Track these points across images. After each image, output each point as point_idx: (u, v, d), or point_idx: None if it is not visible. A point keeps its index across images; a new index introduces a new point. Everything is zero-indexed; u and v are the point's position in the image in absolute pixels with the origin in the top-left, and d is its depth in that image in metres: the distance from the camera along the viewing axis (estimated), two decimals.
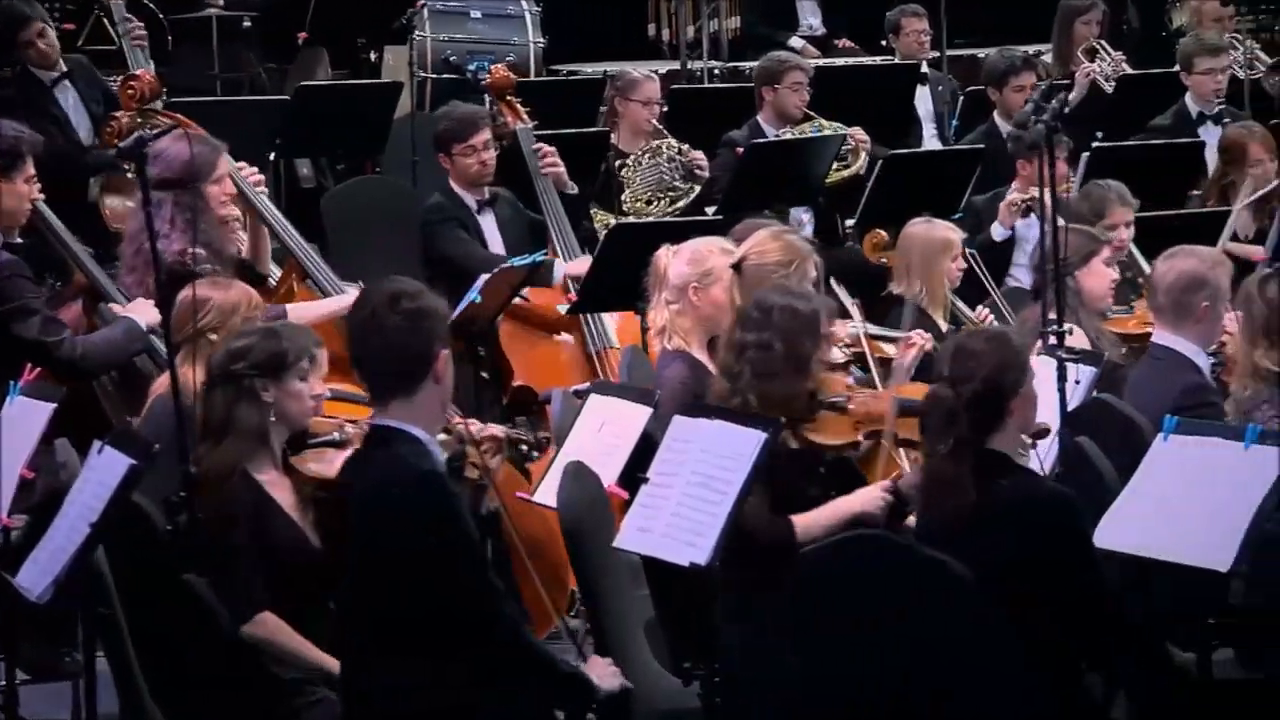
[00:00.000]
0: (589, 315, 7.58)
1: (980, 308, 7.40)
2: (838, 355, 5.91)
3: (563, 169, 8.15)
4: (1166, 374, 5.76)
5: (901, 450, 5.38)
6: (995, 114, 9.51)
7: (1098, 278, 6.49)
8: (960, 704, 4.50)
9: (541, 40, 11.00)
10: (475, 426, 4.91)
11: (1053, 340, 5.61)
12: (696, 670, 4.73)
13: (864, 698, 4.57)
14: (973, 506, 4.65)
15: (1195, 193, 8.89)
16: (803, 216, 9.22)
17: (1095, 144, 9.04)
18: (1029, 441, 4.88)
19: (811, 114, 9.13)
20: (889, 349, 6.42)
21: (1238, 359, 5.33)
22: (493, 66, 8.71)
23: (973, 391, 4.68)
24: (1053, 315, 6.33)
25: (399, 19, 10.20)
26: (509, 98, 8.36)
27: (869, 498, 5.12)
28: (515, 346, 7.72)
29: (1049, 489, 4.73)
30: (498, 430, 4.77)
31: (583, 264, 7.72)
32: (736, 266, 5.90)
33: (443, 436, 4.66)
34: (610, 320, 7.69)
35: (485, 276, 6.44)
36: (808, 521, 5.10)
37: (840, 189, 9.01)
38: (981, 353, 4.73)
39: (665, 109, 9.86)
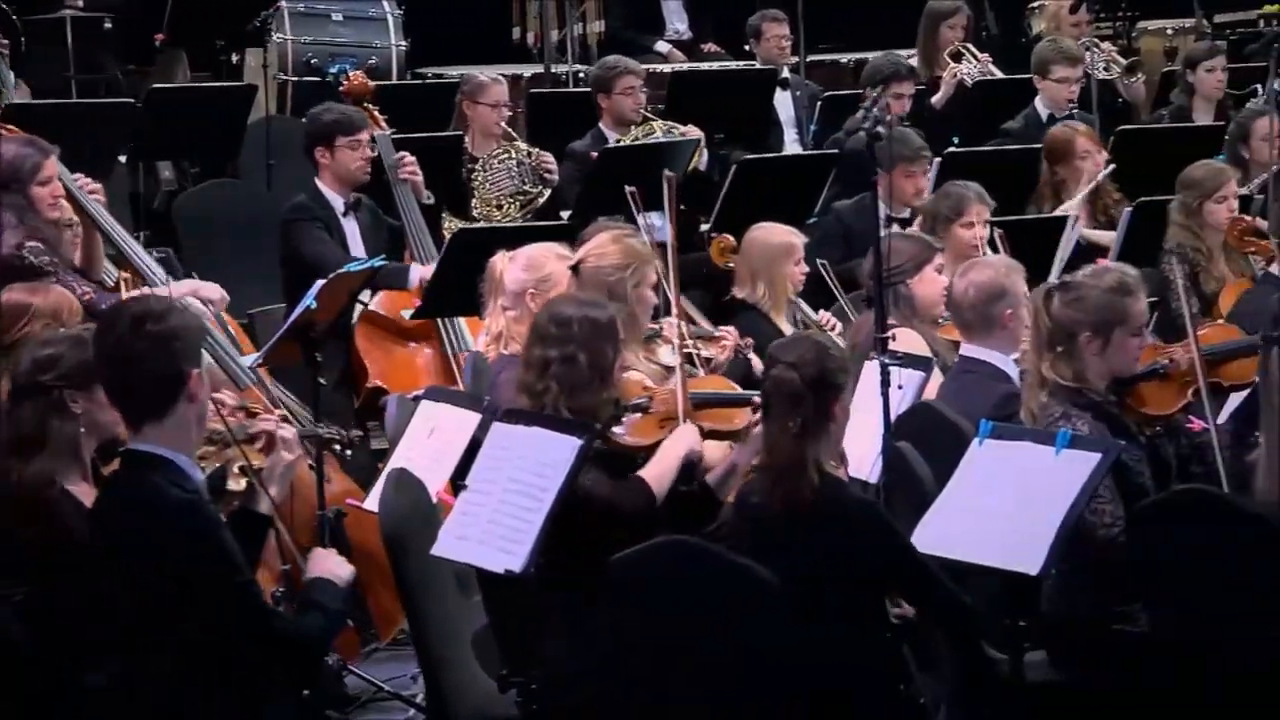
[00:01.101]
0: (446, 319, 7.59)
1: (824, 311, 7.46)
2: (668, 357, 5.98)
3: (421, 177, 8.15)
4: (979, 386, 5.84)
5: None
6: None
7: (930, 285, 6.57)
8: (770, 705, 4.56)
9: (404, 43, 10.99)
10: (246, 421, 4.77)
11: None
12: (514, 678, 4.74)
13: (678, 701, 4.62)
14: (814, 491, 4.68)
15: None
16: (655, 220, 9.24)
17: (948, 150, 9.11)
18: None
19: (650, 116, 9.16)
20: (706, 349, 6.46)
21: (1029, 371, 5.35)
22: (351, 73, 8.68)
23: (811, 376, 4.72)
24: (888, 320, 6.49)
25: (254, 21, 10.15)
26: (367, 104, 8.34)
27: (687, 437, 5.15)
28: (372, 350, 7.73)
29: (855, 494, 4.78)
30: (269, 425, 4.67)
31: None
32: (575, 268, 5.92)
33: (207, 447, 4.60)
34: (467, 324, 7.71)
35: (321, 282, 6.43)
36: (653, 475, 5.11)
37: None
38: (809, 349, 4.79)
39: (523, 112, 9.92)
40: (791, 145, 10.42)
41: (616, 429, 5.15)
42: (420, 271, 7.80)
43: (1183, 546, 4.91)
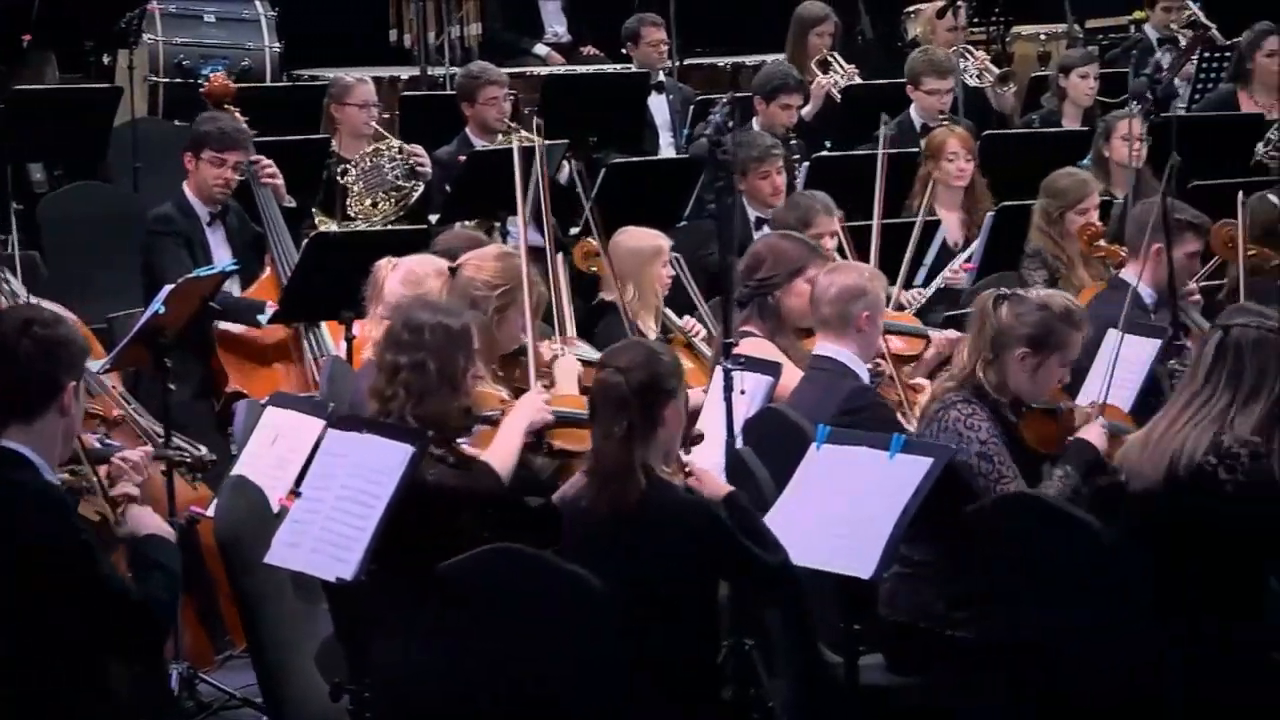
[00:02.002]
0: (308, 325, 7.56)
1: (687, 317, 7.49)
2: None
3: (281, 181, 8.10)
4: (830, 383, 5.90)
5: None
6: (755, 124, 9.58)
7: (799, 297, 6.60)
8: (601, 710, 4.57)
9: (277, 45, 10.93)
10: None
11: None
12: (348, 686, 4.73)
13: (508, 708, 4.62)
14: (640, 494, 4.69)
15: None
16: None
17: (816, 154, 9.17)
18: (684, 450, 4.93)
19: (514, 125, 9.17)
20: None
21: (954, 362, 5.44)
22: (211, 75, 8.62)
23: (639, 381, 4.73)
24: (745, 327, 6.53)
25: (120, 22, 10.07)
26: (228, 106, 8.30)
27: (527, 408, 5.17)
28: (231, 356, 7.68)
29: (685, 495, 4.79)
30: (133, 454, 4.65)
31: None
32: (453, 270, 5.90)
33: (64, 475, 4.56)
34: (328, 329, 7.67)
35: (169, 287, 6.39)
36: (497, 455, 5.12)
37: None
38: (638, 354, 4.81)
39: (396, 114, 9.90)
40: (667, 149, 10.44)
41: (463, 440, 5.14)
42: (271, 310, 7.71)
43: (1013, 552, 4.96)
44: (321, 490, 4.81)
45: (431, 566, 4.65)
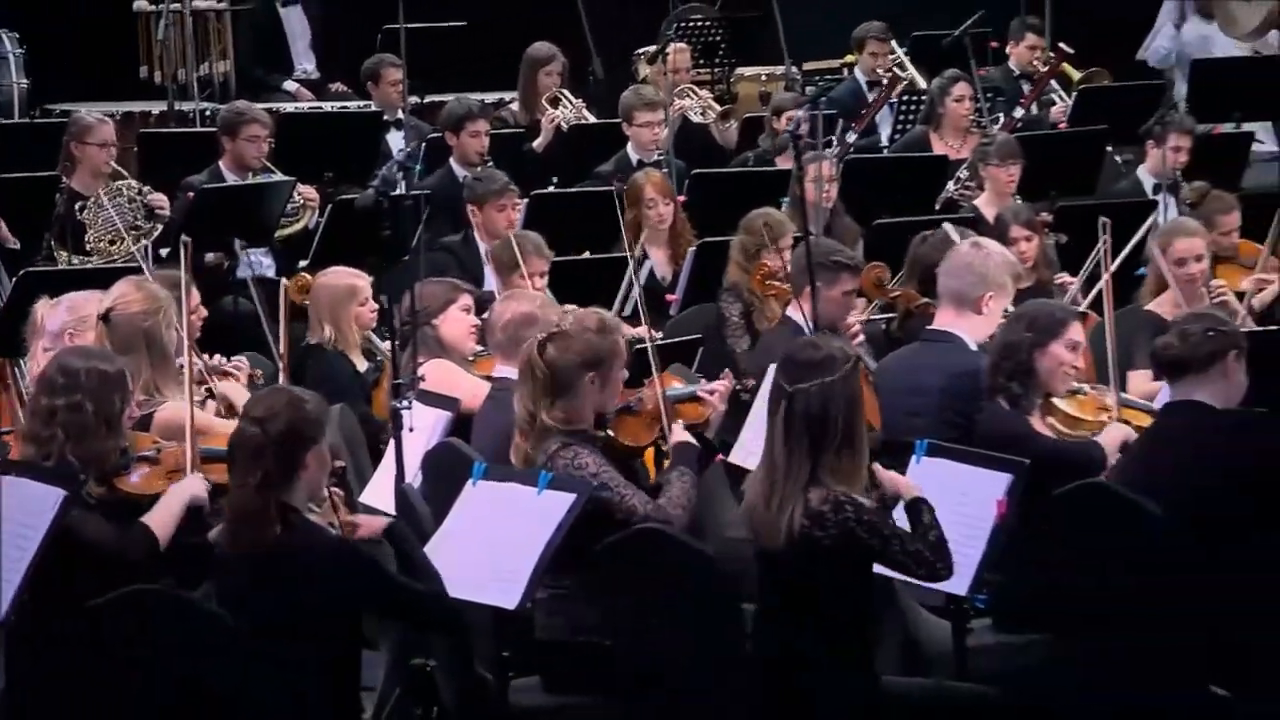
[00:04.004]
0: (12, 360, 7.36)
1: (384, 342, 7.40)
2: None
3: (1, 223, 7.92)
4: (507, 406, 5.82)
5: None
6: (452, 159, 9.57)
7: (455, 324, 6.58)
8: None
9: (24, 81, 10.70)
10: None
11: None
12: None
13: None
14: (274, 542, 4.63)
15: None
16: (263, 259, 9.15)
17: (534, 191, 9.16)
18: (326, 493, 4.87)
19: (271, 166, 9.07)
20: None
21: (520, 420, 5.35)
22: None
23: (277, 430, 4.67)
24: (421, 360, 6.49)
25: None
26: None
27: (192, 486, 5.10)
28: None
29: (327, 536, 4.73)
30: None
31: None
32: (105, 317, 5.80)
33: None
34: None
35: None
36: (156, 520, 5.04)
37: (292, 242, 8.94)
38: (278, 403, 4.73)
39: (136, 149, 9.73)
40: (404, 185, 10.36)
41: (130, 477, 5.07)
42: None
43: (639, 582, 4.97)
44: None
45: (80, 608, 4.55)
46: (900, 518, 4.87)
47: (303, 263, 8.94)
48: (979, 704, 5.07)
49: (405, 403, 5.46)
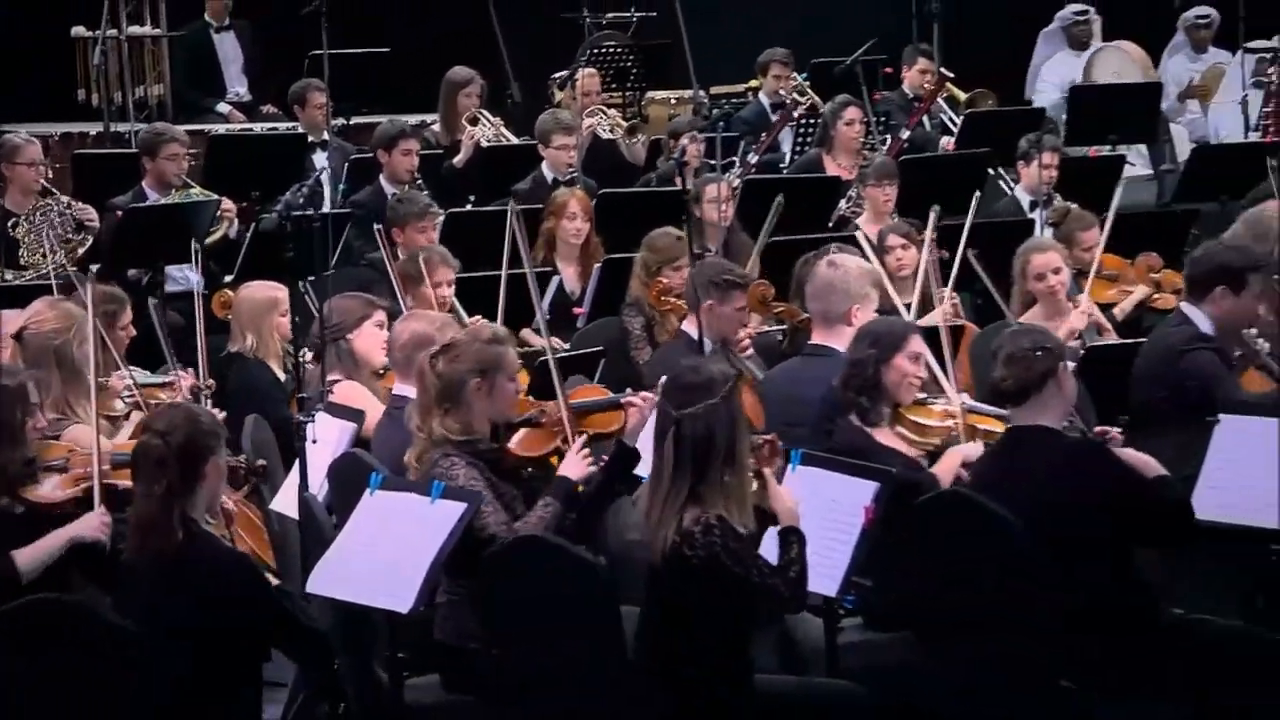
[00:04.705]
0: None
1: (305, 350, 7.57)
2: (120, 406, 6.07)
3: None
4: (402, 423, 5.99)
5: None
6: (382, 176, 9.74)
7: (369, 338, 6.75)
8: None
9: None
10: None
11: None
12: None
13: None
14: (176, 550, 4.77)
15: None
16: (190, 275, 9.29)
17: (450, 209, 9.33)
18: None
19: (190, 182, 9.22)
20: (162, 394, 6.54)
21: (418, 431, 5.46)
22: None
23: (177, 443, 4.83)
24: (333, 376, 6.69)
25: None
26: None
27: (88, 524, 5.20)
28: None
29: (225, 549, 4.90)
30: None
31: None
32: (18, 335, 5.94)
33: None
34: None
35: None
36: (26, 555, 5.14)
37: (215, 250, 9.10)
38: (178, 418, 4.90)
39: (70, 168, 9.88)
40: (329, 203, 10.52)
41: (39, 487, 5.21)
42: None
43: (524, 594, 5.12)
44: None
45: None
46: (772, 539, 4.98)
47: (228, 278, 9.13)
48: (847, 701, 5.20)
49: (309, 416, 5.63)
